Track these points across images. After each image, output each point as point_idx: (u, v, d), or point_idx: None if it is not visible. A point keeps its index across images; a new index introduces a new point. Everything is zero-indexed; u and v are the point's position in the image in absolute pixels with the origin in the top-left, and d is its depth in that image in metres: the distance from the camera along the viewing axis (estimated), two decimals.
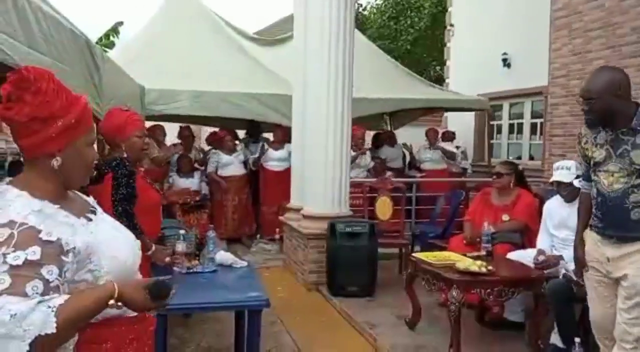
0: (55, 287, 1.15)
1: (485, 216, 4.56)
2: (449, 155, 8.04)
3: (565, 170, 3.72)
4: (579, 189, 3.82)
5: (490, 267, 3.35)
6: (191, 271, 3.07)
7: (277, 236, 6.88)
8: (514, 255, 3.89)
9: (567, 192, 3.70)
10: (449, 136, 8.74)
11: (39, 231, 1.16)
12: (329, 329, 4.17)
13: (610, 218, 2.54)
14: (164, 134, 7.13)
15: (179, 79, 6.62)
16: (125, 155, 2.84)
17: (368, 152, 7.69)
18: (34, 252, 1.12)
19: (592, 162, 2.59)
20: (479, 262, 3.40)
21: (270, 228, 7.03)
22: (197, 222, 6.82)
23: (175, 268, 3.10)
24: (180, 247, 3.14)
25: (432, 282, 3.52)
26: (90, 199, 1.49)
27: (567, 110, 6.64)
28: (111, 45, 11.78)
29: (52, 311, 1.07)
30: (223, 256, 3.27)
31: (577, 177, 3.82)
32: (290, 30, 6.84)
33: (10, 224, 1.13)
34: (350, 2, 5.25)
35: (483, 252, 3.82)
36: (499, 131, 10.16)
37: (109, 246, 1.33)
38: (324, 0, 5.12)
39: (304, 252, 5.23)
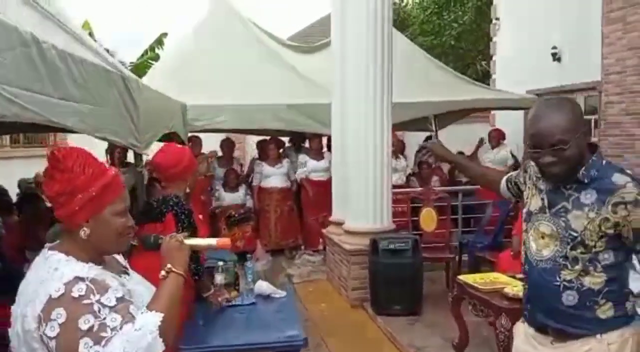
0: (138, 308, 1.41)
1: None
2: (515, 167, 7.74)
3: None
4: None
5: None
6: (230, 303, 3.05)
7: (320, 247, 6.86)
8: None
9: None
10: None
11: (103, 279, 1.37)
12: (373, 351, 4.08)
13: (537, 297, 1.87)
14: (201, 146, 7.19)
15: (220, 93, 6.67)
16: (185, 191, 2.93)
17: (402, 156, 7.55)
18: (116, 291, 1.36)
19: (526, 209, 1.95)
20: None
21: (314, 239, 7.02)
22: (241, 236, 6.91)
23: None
24: (219, 279, 3.13)
25: (480, 308, 3.38)
26: (121, 258, 1.65)
27: (623, 109, 6.29)
28: (156, 57, 12.09)
29: (156, 333, 1.32)
30: (262, 286, 3.23)
31: None
32: (322, 34, 6.77)
33: (78, 279, 1.31)
34: (387, 5, 5.11)
35: None
36: None
37: (136, 298, 1.47)
38: (361, 4, 5.02)
39: (347, 268, 5.16)
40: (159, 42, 12.61)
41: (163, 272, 1.50)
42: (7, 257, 3.94)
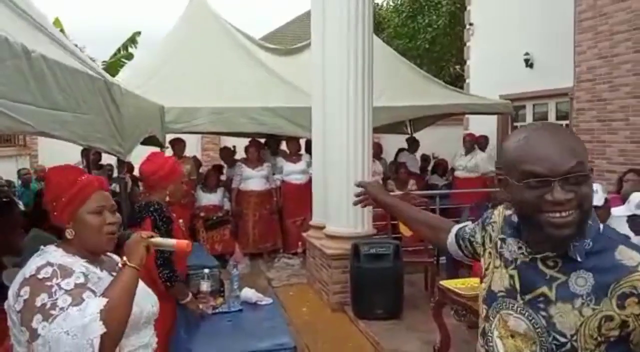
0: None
1: None
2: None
3: (593, 194, 3.60)
4: (608, 213, 3.68)
5: None
6: (217, 311, 3.05)
7: (299, 250, 6.87)
8: None
9: (598, 216, 3.59)
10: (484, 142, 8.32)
11: (71, 267, 1.54)
12: None
13: None
14: (184, 148, 7.14)
15: (198, 95, 6.62)
16: (165, 198, 2.96)
17: (377, 161, 7.63)
18: (78, 277, 1.51)
19: (486, 287, 1.33)
20: None
21: (293, 242, 7.02)
22: (220, 238, 6.87)
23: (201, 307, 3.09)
24: (205, 286, 3.12)
25: (462, 313, 3.45)
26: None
27: (594, 116, 6.48)
28: (130, 56, 11.91)
29: (96, 316, 1.40)
30: (247, 293, 3.24)
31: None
32: (296, 34, 6.76)
33: (48, 264, 1.51)
34: (368, 7, 5.15)
35: None
36: None
37: None
38: (342, 6, 5.05)
39: (328, 272, 5.19)
40: (132, 40, 12.42)
41: (120, 264, 1.62)
42: None
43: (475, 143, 7.92)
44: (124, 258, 1.60)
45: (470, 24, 11.10)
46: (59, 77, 2.32)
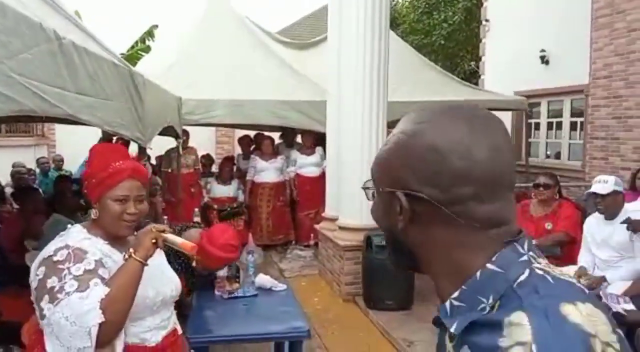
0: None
1: (525, 229, 4.50)
2: None
3: (602, 183, 3.63)
4: (618, 204, 3.68)
5: None
6: (233, 295, 3.13)
7: (311, 242, 6.94)
8: None
9: (602, 205, 3.59)
10: None
11: (86, 252, 1.59)
12: (366, 345, 4.19)
13: None
14: (188, 139, 7.21)
15: (214, 88, 6.71)
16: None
17: None
18: (89, 263, 1.56)
19: None
20: None
21: (305, 234, 7.10)
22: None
23: (217, 292, 3.18)
24: (222, 271, 3.21)
25: None
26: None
27: (609, 113, 6.46)
28: (147, 49, 11.96)
29: (96, 305, 1.46)
30: (262, 279, 3.32)
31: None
32: (312, 29, 6.81)
33: (67, 246, 1.57)
34: (385, 3, 5.20)
35: None
36: (537, 129, 9.93)
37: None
38: (359, 2, 5.09)
39: (340, 263, 5.26)
40: (150, 33, 12.47)
41: (126, 255, 1.63)
42: (5, 248, 3.96)
43: None
44: (131, 249, 1.62)
45: (486, 20, 11.07)
46: (86, 64, 2.40)
